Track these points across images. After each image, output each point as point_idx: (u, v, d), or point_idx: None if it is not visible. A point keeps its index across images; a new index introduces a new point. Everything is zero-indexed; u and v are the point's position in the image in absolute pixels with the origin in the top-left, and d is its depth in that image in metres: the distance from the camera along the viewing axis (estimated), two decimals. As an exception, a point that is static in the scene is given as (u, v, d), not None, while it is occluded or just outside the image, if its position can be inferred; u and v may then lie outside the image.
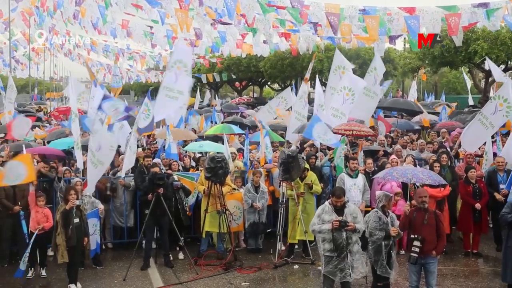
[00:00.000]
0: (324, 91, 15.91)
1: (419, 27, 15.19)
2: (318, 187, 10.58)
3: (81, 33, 29.04)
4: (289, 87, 19.49)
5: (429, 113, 20.24)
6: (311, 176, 10.56)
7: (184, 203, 10.71)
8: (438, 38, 16.82)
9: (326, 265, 7.63)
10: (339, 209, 7.67)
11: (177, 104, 11.26)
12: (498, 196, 10.55)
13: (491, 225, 11.44)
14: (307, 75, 14.82)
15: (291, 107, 18.63)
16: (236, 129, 16.38)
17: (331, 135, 12.08)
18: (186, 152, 13.32)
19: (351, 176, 10.53)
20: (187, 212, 10.85)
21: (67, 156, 13.20)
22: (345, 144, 12.27)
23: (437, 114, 21.43)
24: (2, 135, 16.32)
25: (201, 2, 16.98)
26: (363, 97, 14.22)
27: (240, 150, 13.63)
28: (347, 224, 7.46)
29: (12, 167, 9.37)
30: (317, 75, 17.38)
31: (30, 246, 8.99)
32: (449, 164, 11.34)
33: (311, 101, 21.21)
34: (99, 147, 9.95)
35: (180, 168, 12.05)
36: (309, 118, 14.54)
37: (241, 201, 10.93)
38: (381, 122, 16.70)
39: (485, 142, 12.09)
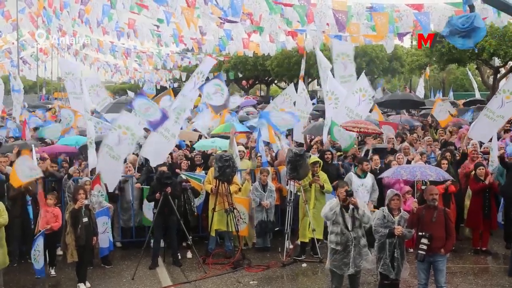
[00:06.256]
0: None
1: (429, 23, 15.07)
2: (329, 186, 10.42)
3: (88, 33, 29.06)
4: (292, 83, 19.35)
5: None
6: (322, 175, 10.42)
7: (192, 203, 10.70)
8: (438, 38, 16.62)
9: (331, 257, 7.68)
10: (346, 206, 7.66)
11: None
12: None
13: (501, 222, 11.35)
14: (302, 73, 14.67)
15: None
16: (241, 127, 16.21)
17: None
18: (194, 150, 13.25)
19: (359, 176, 10.44)
20: (194, 213, 10.85)
21: (78, 155, 13.17)
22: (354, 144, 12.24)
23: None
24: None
25: (206, 0, 16.94)
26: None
27: (247, 148, 13.57)
28: (353, 195, 7.67)
29: None
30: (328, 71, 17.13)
31: (37, 243, 8.99)
32: (451, 161, 11.25)
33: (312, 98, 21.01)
34: (118, 141, 10.33)
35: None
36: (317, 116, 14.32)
37: (247, 206, 10.83)
38: (386, 126, 15.57)
39: (491, 140, 11.94)
